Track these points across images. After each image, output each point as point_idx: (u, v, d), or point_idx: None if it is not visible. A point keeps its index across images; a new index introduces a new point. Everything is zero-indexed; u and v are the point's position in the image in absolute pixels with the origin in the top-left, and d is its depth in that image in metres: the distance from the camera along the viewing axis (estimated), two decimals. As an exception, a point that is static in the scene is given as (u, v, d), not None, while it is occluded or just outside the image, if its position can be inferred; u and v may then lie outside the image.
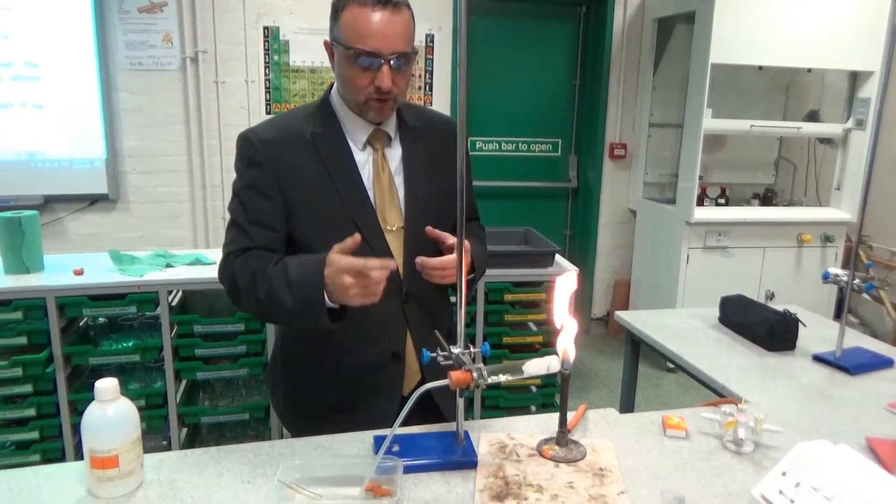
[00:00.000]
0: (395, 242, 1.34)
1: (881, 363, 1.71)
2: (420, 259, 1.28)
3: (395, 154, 1.37)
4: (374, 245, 1.30)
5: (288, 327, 1.45)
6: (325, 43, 1.31)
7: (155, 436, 2.65)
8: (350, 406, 1.36)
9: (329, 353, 1.37)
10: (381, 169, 1.34)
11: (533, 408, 2.92)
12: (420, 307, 1.36)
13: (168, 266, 2.61)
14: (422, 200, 1.37)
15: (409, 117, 1.41)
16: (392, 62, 1.23)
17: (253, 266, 1.24)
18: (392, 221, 1.34)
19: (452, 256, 1.26)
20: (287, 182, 1.29)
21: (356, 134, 1.34)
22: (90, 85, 3.69)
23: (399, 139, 1.38)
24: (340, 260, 1.12)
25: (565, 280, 1.15)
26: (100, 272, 2.51)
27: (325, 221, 1.30)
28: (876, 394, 1.53)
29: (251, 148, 1.31)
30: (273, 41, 3.91)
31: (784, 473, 1.03)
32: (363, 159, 1.34)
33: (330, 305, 1.16)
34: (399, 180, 1.36)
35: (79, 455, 2.48)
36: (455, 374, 1.04)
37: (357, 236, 1.15)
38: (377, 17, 1.20)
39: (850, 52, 3.65)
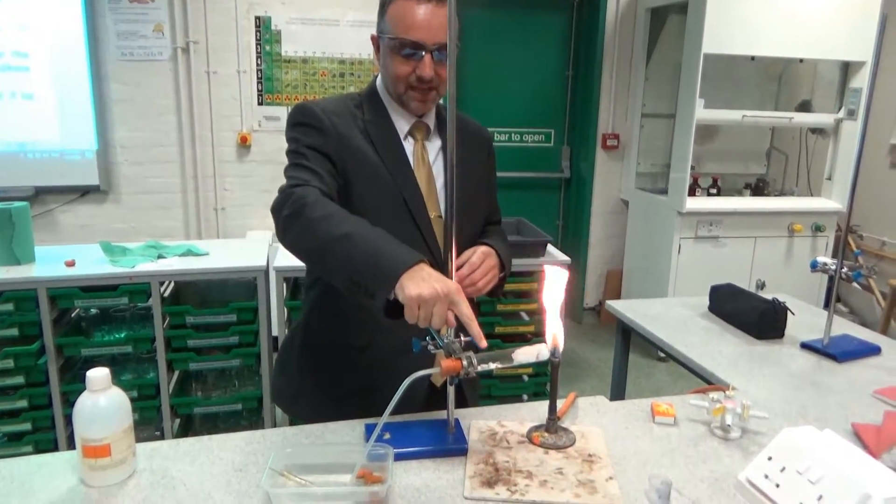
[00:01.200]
0: (437, 230, 1.37)
1: (868, 350, 1.72)
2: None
3: (433, 146, 1.41)
4: (423, 230, 1.34)
5: (328, 281, 1.28)
6: (372, 37, 1.36)
7: (148, 427, 2.65)
8: (375, 389, 1.27)
9: (362, 331, 1.35)
10: (420, 159, 1.38)
11: (525, 396, 2.94)
12: None
13: (160, 257, 2.61)
14: (458, 192, 1.38)
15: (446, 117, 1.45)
16: (434, 53, 1.28)
17: (333, 208, 1.16)
18: (432, 210, 1.37)
19: (473, 259, 1.30)
20: (346, 157, 1.30)
21: (399, 124, 1.37)
22: (80, 75, 3.67)
23: (437, 133, 1.42)
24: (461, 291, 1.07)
25: (554, 273, 1.15)
26: (91, 263, 2.51)
27: (380, 204, 1.31)
28: (862, 381, 1.55)
29: (314, 116, 1.30)
30: (265, 31, 3.89)
31: (770, 458, 1.04)
32: (408, 149, 1.38)
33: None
34: (437, 171, 1.40)
35: (71, 446, 2.46)
36: (445, 362, 1.05)
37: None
38: (422, 9, 1.25)
39: (841, 42, 3.66)
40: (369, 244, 1.08)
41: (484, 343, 1.06)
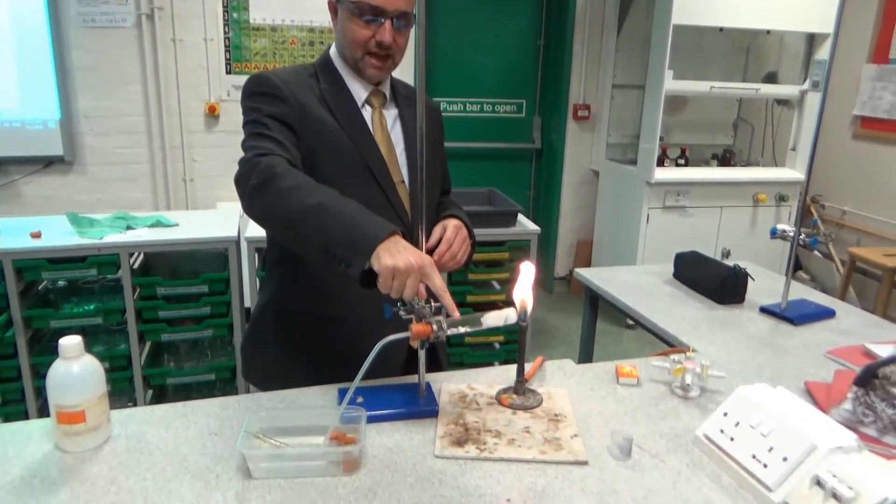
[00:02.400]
0: (402, 195, 1.38)
1: (823, 314, 1.80)
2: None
3: (390, 114, 1.43)
4: (389, 195, 1.35)
5: (295, 251, 1.27)
6: (330, 3, 1.36)
7: (120, 398, 2.65)
8: (354, 361, 1.19)
9: (337, 303, 1.36)
10: (379, 126, 1.39)
11: (496, 363, 2.99)
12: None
13: (129, 228, 2.59)
14: (420, 159, 1.40)
15: (400, 87, 1.48)
16: (394, 20, 1.28)
17: (302, 177, 1.15)
18: (395, 176, 1.38)
19: (448, 234, 1.32)
20: (308, 126, 1.29)
21: (356, 92, 1.38)
22: (41, 42, 3.56)
23: (393, 102, 1.44)
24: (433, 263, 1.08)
25: (526, 270, 1.20)
26: (58, 235, 2.48)
27: (346, 171, 1.31)
28: (817, 342, 1.61)
29: (273, 85, 1.29)
30: (232, -2, 3.81)
31: (726, 414, 1.10)
32: (365, 116, 1.38)
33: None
34: (395, 138, 1.41)
35: (43, 417, 2.47)
36: (416, 327, 1.08)
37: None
38: None
39: (807, 14, 3.72)
40: (344, 214, 1.08)
41: (457, 314, 1.09)
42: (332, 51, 1.41)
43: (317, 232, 1.09)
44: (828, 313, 1.81)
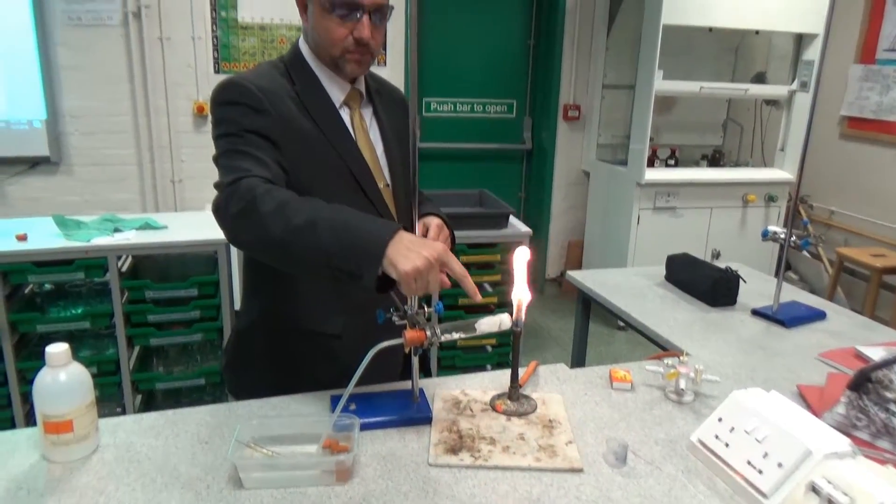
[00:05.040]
0: (388, 200, 1.35)
1: (815, 316, 1.80)
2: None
3: (366, 113, 1.38)
4: (375, 202, 1.31)
5: (296, 273, 1.24)
6: None
7: (109, 403, 2.62)
8: (351, 373, 1.13)
9: (334, 317, 1.30)
10: (360, 129, 1.34)
11: (488, 367, 2.98)
12: None
13: (116, 231, 2.56)
14: (397, 158, 1.37)
15: (370, 81, 1.42)
16: (372, 14, 1.23)
17: (285, 195, 1.08)
18: (379, 180, 1.34)
19: (432, 234, 1.27)
20: (289, 138, 1.22)
21: (333, 93, 1.31)
22: (26, 40, 3.51)
23: (368, 99, 1.39)
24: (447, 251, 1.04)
25: (520, 252, 1.18)
26: (44, 237, 2.44)
27: (329, 182, 1.26)
28: (808, 345, 1.62)
29: (252, 96, 1.20)
30: (220, -4, 3.78)
31: (720, 419, 1.09)
32: (344, 118, 1.32)
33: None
34: (374, 139, 1.37)
35: (29, 423, 2.44)
36: (409, 333, 1.07)
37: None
38: None
39: (796, 14, 3.74)
40: (337, 225, 1.03)
41: (479, 297, 1.06)
42: (303, 47, 1.32)
43: (313, 251, 1.03)
44: (819, 315, 1.81)
